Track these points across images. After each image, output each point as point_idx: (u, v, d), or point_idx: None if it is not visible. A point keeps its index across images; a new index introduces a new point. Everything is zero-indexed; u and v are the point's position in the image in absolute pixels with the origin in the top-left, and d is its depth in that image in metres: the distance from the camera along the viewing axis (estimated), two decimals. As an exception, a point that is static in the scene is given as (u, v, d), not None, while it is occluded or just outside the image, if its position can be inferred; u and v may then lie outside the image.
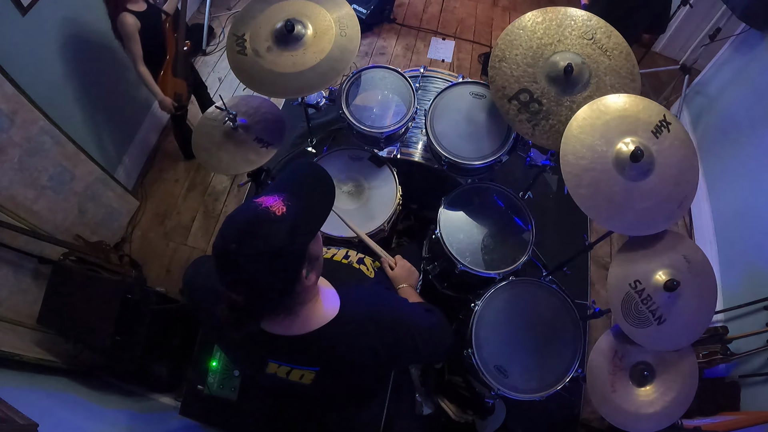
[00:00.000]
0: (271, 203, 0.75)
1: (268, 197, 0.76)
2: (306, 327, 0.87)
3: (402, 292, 1.28)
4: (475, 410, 1.93)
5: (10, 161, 1.94)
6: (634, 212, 1.36)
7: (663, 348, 1.44)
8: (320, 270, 0.87)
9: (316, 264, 0.84)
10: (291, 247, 0.74)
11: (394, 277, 1.31)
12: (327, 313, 0.89)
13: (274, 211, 0.73)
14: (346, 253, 1.25)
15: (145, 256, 2.74)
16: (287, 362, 0.91)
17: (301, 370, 0.92)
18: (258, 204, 0.75)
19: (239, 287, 0.76)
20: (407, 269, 1.34)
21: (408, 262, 1.37)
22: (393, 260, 1.36)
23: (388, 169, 1.80)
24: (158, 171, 3.07)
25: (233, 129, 1.71)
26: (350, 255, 1.24)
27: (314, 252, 0.82)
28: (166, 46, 2.37)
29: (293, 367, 0.92)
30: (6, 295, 1.95)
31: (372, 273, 1.20)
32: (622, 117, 1.40)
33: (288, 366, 0.92)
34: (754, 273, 2.24)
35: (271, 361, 0.92)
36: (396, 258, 1.37)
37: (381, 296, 1.05)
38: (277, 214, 0.73)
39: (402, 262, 1.35)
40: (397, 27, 3.83)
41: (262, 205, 0.74)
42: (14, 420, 1.26)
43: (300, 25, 1.61)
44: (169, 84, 2.43)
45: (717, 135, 2.84)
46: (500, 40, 1.58)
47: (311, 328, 0.87)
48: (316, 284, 0.86)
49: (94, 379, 2.16)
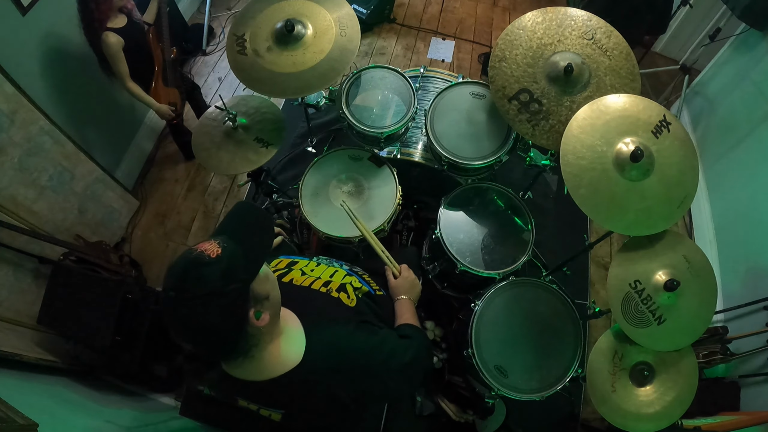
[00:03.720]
0: (205, 246, 0.76)
1: (206, 243, 0.78)
2: (264, 373, 0.87)
3: (399, 303, 1.26)
4: (475, 410, 1.93)
5: (10, 161, 1.94)
6: (634, 212, 1.36)
7: (663, 348, 1.44)
8: (276, 310, 0.86)
9: (268, 304, 0.83)
10: (226, 287, 0.74)
11: (396, 287, 1.29)
12: (289, 359, 0.89)
13: (208, 254, 0.75)
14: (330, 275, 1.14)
15: (145, 256, 2.74)
16: (254, 401, 0.93)
17: (268, 410, 0.93)
18: (194, 250, 0.77)
19: (185, 335, 0.77)
20: (410, 282, 1.32)
21: (413, 275, 1.35)
22: (398, 269, 1.34)
23: (388, 169, 1.80)
24: (158, 171, 3.07)
25: (233, 129, 1.71)
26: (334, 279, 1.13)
27: (262, 291, 0.81)
28: (153, 57, 2.34)
29: (260, 406, 0.93)
30: (6, 295, 1.95)
31: (353, 301, 1.08)
32: (622, 117, 1.40)
33: (255, 405, 0.93)
34: (754, 273, 2.24)
35: (239, 397, 0.93)
36: (402, 267, 1.35)
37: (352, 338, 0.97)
38: (212, 256, 0.75)
39: (407, 273, 1.33)
40: (397, 27, 3.83)
41: (197, 251, 0.76)
42: (14, 420, 1.26)
43: (300, 25, 1.60)
44: (162, 94, 2.42)
45: (717, 135, 2.84)
46: (500, 40, 1.57)
47: (270, 376, 0.87)
48: (274, 325, 0.86)
49: (94, 379, 2.16)
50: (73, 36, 2.25)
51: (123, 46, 2.16)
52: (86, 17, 2.07)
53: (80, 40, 2.18)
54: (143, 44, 2.30)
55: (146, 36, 2.31)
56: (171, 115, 2.48)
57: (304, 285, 1.08)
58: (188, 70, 3.47)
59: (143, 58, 2.32)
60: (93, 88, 2.50)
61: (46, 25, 2.15)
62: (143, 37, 2.30)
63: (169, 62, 2.40)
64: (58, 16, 2.19)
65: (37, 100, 2.01)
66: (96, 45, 2.16)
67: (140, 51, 2.29)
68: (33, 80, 2.07)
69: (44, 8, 2.09)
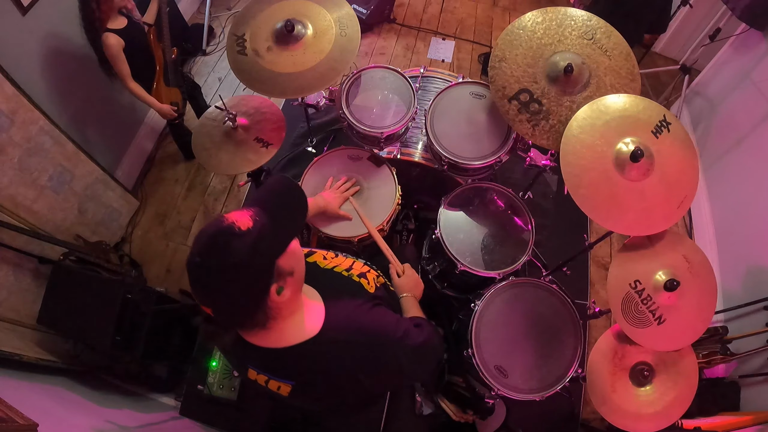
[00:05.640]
0: (237, 217, 0.76)
1: (238, 212, 0.78)
2: (281, 342, 0.87)
3: (405, 300, 1.27)
4: (475, 410, 1.93)
5: (10, 161, 1.94)
6: (634, 212, 1.36)
7: (663, 348, 1.44)
8: (298, 286, 0.87)
9: (291, 279, 0.82)
10: (253, 261, 0.74)
11: (400, 285, 1.31)
12: (306, 330, 0.89)
13: (239, 225, 0.75)
14: (351, 264, 1.19)
15: (145, 256, 2.74)
16: (264, 371, 0.93)
17: (277, 381, 0.93)
18: (225, 219, 0.76)
19: (205, 300, 0.77)
20: (414, 280, 1.34)
21: (417, 274, 1.37)
22: (401, 267, 1.36)
23: (388, 169, 1.80)
24: (158, 171, 3.07)
25: (233, 129, 1.71)
26: (354, 267, 1.18)
27: (286, 267, 0.81)
28: (154, 58, 2.35)
29: (270, 377, 0.93)
30: (6, 295, 1.95)
31: (373, 288, 1.14)
32: (622, 117, 1.40)
33: (265, 375, 0.93)
34: (754, 273, 2.24)
35: (251, 367, 0.93)
36: (405, 266, 1.37)
37: (370, 315, 1.01)
38: (242, 228, 0.74)
39: (410, 272, 1.36)
40: (397, 27, 3.83)
41: (228, 221, 0.76)
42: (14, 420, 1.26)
43: (300, 25, 1.60)
44: (164, 94, 2.42)
45: (717, 135, 2.84)
46: (500, 40, 1.58)
47: (286, 344, 0.87)
48: (294, 300, 0.86)
49: (94, 379, 2.16)
50: (73, 36, 2.25)
51: (123, 47, 2.16)
52: (87, 17, 2.07)
53: (80, 40, 2.18)
54: (144, 45, 2.30)
55: (147, 37, 2.31)
56: (173, 115, 2.48)
57: (327, 267, 1.12)
58: (188, 70, 3.47)
59: (144, 58, 2.32)
60: (93, 88, 2.50)
61: (46, 25, 2.15)
62: (144, 37, 2.30)
63: (170, 62, 2.40)
64: (58, 16, 2.19)
65: (37, 100, 2.01)
66: (97, 45, 2.16)
67: (141, 52, 2.29)
68: (33, 80, 2.07)
69: (44, 8, 2.09)
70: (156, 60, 2.36)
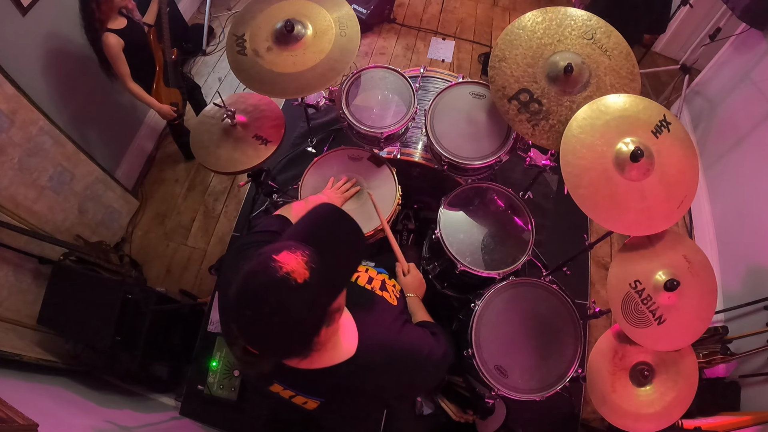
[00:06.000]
0: (292, 266, 0.68)
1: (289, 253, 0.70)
2: (316, 364, 0.84)
3: (410, 301, 1.28)
4: (475, 410, 1.93)
5: (10, 161, 1.94)
6: (634, 212, 1.36)
7: (663, 348, 1.44)
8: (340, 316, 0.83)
9: (337, 315, 0.79)
10: (310, 315, 0.71)
11: (405, 284, 1.32)
12: (343, 350, 0.87)
13: (295, 278, 0.67)
14: (368, 278, 1.17)
15: (145, 256, 2.74)
16: (292, 387, 0.91)
17: (305, 397, 0.92)
18: (277, 267, 0.68)
19: (254, 345, 0.74)
20: (419, 280, 1.36)
21: (420, 274, 1.38)
22: (407, 266, 1.36)
23: (388, 169, 1.80)
24: (158, 171, 3.07)
25: (232, 126, 1.71)
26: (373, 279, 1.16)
27: (336, 306, 0.77)
28: (154, 58, 2.35)
29: (298, 393, 0.91)
30: (6, 295, 1.95)
31: (395, 300, 1.13)
32: (622, 117, 1.40)
33: (293, 391, 0.91)
34: (754, 273, 2.24)
35: (277, 382, 0.91)
36: (410, 265, 1.37)
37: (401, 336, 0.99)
38: (299, 282, 0.67)
39: (415, 272, 1.36)
40: (397, 27, 3.83)
41: (281, 270, 0.67)
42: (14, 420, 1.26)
43: (300, 25, 1.60)
44: (164, 95, 2.42)
45: (717, 135, 2.84)
46: (500, 40, 1.57)
47: (322, 366, 0.85)
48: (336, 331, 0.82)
49: (94, 379, 2.16)
50: (73, 36, 2.25)
51: (123, 48, 2.16)
52: (87, 17, 2.07)
53: (80, 40, 2.18)
54: (144, 45, 2.30)
55: (147, 37, 2.31)
56: (173, 116, 2.48)
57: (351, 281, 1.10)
58: (188, 70, 3.48)
59: (144, 58, 2.32)
60: (93, 89, 2.50)
61: (46, 25, 2.15)
62: (144, 38, 2.30)
63: (170, 63, 2.40)
64: (59, 16, 2.19)
65: (37, 100, 2.01)
66: (97, 45, 2.16)
67: (141, 52, 2.29)
68: (33, 80, 2.07)
69: (44, 8, 2.09)
70: (156, 60, 2.36)
